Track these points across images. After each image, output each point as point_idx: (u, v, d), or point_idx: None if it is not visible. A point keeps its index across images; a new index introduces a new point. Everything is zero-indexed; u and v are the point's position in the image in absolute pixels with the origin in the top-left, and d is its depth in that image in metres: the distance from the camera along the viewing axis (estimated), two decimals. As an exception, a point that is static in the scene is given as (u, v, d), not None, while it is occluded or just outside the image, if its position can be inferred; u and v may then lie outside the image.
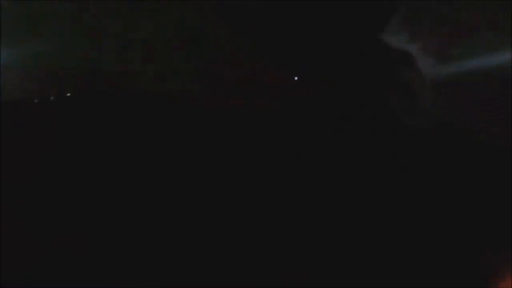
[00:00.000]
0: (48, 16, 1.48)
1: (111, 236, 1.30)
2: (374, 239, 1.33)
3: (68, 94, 1.43)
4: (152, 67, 1.47)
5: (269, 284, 1.29)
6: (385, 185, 1.38)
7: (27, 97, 1.44)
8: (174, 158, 1.39)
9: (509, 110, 1.49)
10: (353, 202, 1.37)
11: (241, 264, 1.30)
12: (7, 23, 1.45)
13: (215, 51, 1.49)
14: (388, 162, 1.39)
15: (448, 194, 1.37)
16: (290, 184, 1.38)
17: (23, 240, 1.27)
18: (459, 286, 1.30)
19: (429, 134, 1.42)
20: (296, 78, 1.46)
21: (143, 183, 1.36)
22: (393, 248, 1.33)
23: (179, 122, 1.43)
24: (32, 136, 1.37)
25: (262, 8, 1.49)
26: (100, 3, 1.48)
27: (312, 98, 1.47)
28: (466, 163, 1.39)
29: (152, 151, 1.39)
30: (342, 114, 1.46)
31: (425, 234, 1.33)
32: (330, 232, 1.34)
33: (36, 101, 1.43)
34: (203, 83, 1.47)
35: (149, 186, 1.36)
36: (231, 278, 1.28)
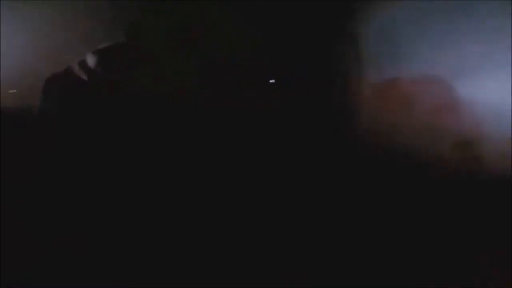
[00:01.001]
0: (45, 18, 1.48)
1: (110, 236, 1.31)
2: (370, 238, 1.34)
3: (68, 95, 1.44)
4: (152, 67, 1.47)
5: (268, 284, 1.29)
6: (382, 185, 1.38)
7: (26, 97, 1.45)
8: (173, 157, 1.40)
9: None
10: (352, 201, 1.37)
11: (238, 263, 1.30)
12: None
13: (215, 51, 1.49)
14: (385, 164, 1.39)
15: (446, 193, 1.37)
16: (290, 183, 1.39)
17: (23, 240, 1.28)
18: (458, 285, 1.30)
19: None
20: (272, 80, 1.47)
21: (143, 182, 1.37)
22: (391, 248, 1.33)
23: (178, 122, 1.43)
24: (32, 137, 1.38)
25: (262, 9, 1.49)
26: (101, 3, 1.49)
27: (312, 98, 1.47)
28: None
29: (152, 150, 1.40)
30: (341, 114, 1.46)
31: (423, 233, 1.34)
32: (327, 231, 1.35)
33: (36, 101, 1.44)
34: (203, 83, 1.48)
35: (149, 184, 1.37)
36: (230, 278, 1.29)
